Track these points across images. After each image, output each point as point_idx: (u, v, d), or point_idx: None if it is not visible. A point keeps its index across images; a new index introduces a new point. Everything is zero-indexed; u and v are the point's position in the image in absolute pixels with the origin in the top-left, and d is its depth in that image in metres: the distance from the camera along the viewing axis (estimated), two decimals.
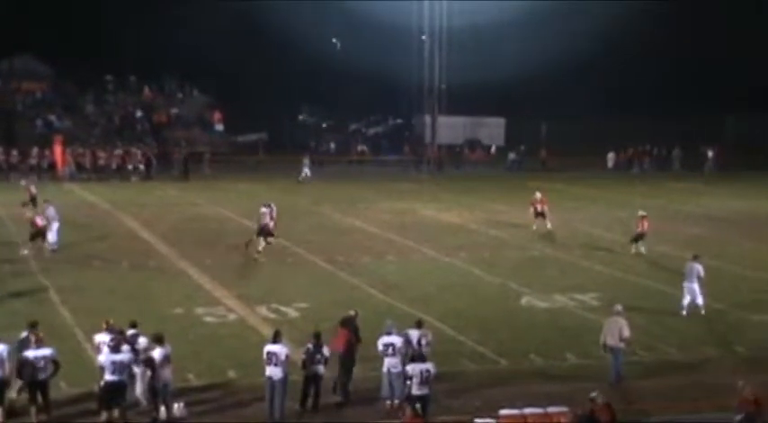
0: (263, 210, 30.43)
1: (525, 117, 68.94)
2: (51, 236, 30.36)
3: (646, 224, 32.29)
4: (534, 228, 34.94)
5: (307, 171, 53.16)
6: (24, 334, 16.79)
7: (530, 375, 19.25)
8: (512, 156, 65.93)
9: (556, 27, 67.06)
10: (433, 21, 61.98)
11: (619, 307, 19.51)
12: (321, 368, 16.84)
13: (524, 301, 25.41)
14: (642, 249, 32.10)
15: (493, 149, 70.10)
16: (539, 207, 35.63)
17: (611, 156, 64.75)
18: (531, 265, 30.36)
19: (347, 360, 17.58)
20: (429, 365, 16.42)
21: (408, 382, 16.20)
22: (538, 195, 35.71)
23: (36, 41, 63.77)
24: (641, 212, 32.79)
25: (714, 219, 40.31)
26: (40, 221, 29.62)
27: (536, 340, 21.58)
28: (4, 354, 15.92)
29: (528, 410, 15.88)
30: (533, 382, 18.76)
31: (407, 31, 64.00)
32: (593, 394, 14.69)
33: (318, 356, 16.80)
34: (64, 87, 63.75)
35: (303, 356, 16.75)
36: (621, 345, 18.86)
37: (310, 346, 16.90)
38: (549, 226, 35.30)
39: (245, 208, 38.28)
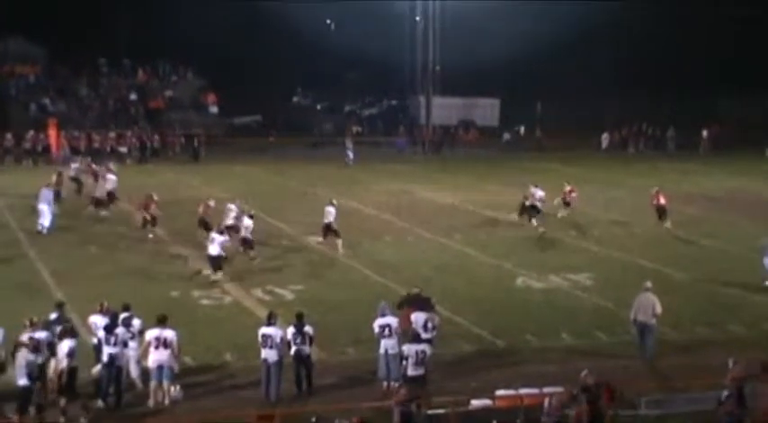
0: (330, 208, 29.44)
1: (520, 97, 68.84)
2: (45, 220, 30.56)
3: (662, 198, 32.48)
4: (559, 216, 34.53)
5: (350, 154, 52.91)
6: (54, 315, 16.79)
7: (526, 356, 19.35)
8: (506, 136, 65.86)
9: (550, 6, 66.84)
10: (426, 1, 61.83)
11: (648, 283, 19.55)
12: (306, 349, 16.88)
13: (520, 281, 25.47)
14: (668, 225, 32.18)
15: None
16: (567, 197, 35.22)
17: (605, 136, 64.68)
18: (526, 245, 30.39)
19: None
20: (424, 346, 16.49)
21: (404, 363, 16.28)
22: (567, 187, 35.47)
23: (29, 23, 63.48)
24: (655, 188, 32.99)
25: (710, 198, 40.37)
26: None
27: (532, 321, 21.65)
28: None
29: (524, 391, 15.99)
30: (529, 362, 18.85)
31: (402, 13, 63.85)
32: (584, 373, 14.78)
33: (301, 337, 16.83)
34: (58, 71, 63.50)
35: (288, 338, 16.80)
36: (653, 321, 18.93)
37: (293, 327, 16.93)
38: (565, 213, 34.54)
39: (241, 190, 38.24)
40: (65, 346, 15.75)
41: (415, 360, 16.20)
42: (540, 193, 33.15)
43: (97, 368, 16.38)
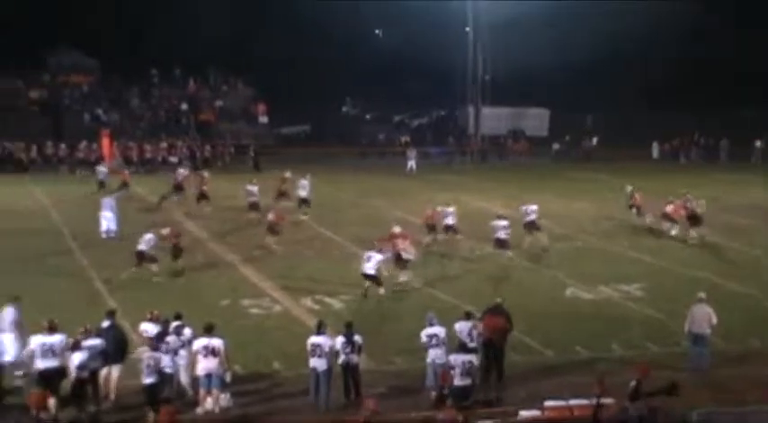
0: (449, 209, 31.02)
1: (570, 107, 68.49)
2: (112, 224, 31.91)
3: (695, 204, 32.44)
4: (648, 220, 34.40)
5: (412, 164, 53.46)
6: (106, 323, 17.00)
7: (575, 367, 19.19)
8: (556, 146, 65.58)
9: (601, 19, 66.44)
10: (477, 11, 61.78)
11: (703, 294, 19.36)
12: (355, 358, 16.92)
13: (569, 292, 25.31)
14: (696, 233, 32.06)
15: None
16: (635, 201, 34.87)
17: (655, 146, 64.13)
18: (575, 256, 30.20)
19: (500, 347, 17.83)
20: (471, 357, 16.49)
21: (451, 372, 16.25)
22: (629, 188, 35.36)
23: (83, 36, 64.40)
24: (686, 194, 33.21)
25: (762, 209, 39.79)
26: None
27: (582, 331, 21.49)
28: (61, 343, 16.11)
29: (574, 402, 15.83)
30: (579, 373, 18.68)
31: (451, 22, 63.84)
32: (633, 384, 14.64)
33: (350, 346, 16.86)
34: (110, 81, 64.30)
35: (337, 347, 16.84)
36: (708, 332, 18.78)
37: (342, 336, 16.97)
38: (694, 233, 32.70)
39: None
40: (76, 358, 15.71)
41: (462, 370, 16.17)
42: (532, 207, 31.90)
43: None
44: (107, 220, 32.21)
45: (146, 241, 26.21)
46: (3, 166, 50.96)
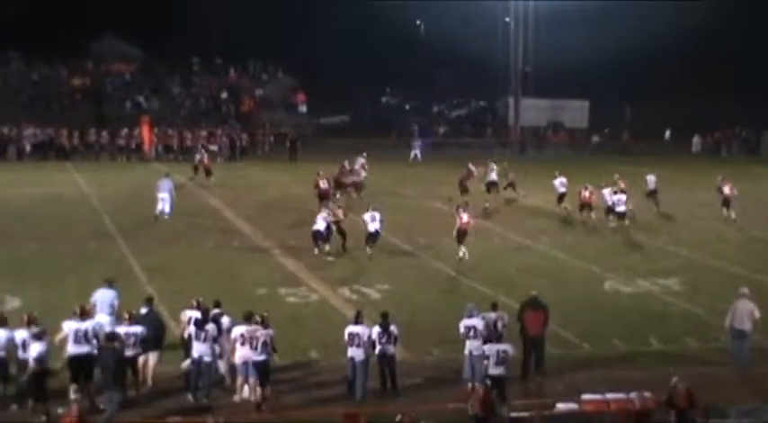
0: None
1: (610, 99, 68.04)
2: (166, 206, 32.47)
3: (727, 188, 33.13)
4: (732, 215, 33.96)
5: (417, 153, 53.65)
6: (144, 310, 17.17)
7: (613, 360, 19.12)
8: (595, 138, 65.17)
9: (641, 7, 65.94)
10: (517, 3, 61.50)
11: (745, 289, 19.14)
12: (391, 348, 16.94)
13: (607, 285, 25.20)
14: (732, 215, 32.30)
15: None
16: (726, 190, 34.08)
17: (696, 140, 63.55)
18: (614, 249, 30.05)
19: (541, 340, 17.86)
20: (506, 346, 16.56)
21: (486, 362, 16.34)
22: (719, 178, 35.20)
23: (125, 24, 64.88)
24: (719, 178, 33.44)
25: None
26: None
27: (619, 325, 21.40)
28: (95, 329, 16.24)
29: (610, 395, 15.77)
30: (616, 367, 18.62)
31: (492, 13, 63.60)
32: (674, 380, 14.54)
33: (386, 337, 16.89)
34: (152, 69, 64.66)
35: (373, 337, 16.87)
36: (750, 328, 18.60)
37: (378, 326, 17.00)
38: (732, 215, 33.61)
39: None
40: (34, 349, 15.56)
41: (496, 359, 16.23)
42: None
43: (187, 363, 16.65)
44: (162, 201, 32.82)
45: (378, 219, 27.48)
46: (46, 152, 51.46)
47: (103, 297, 18.03)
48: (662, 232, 32.67)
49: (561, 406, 15.54)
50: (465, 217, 27.68)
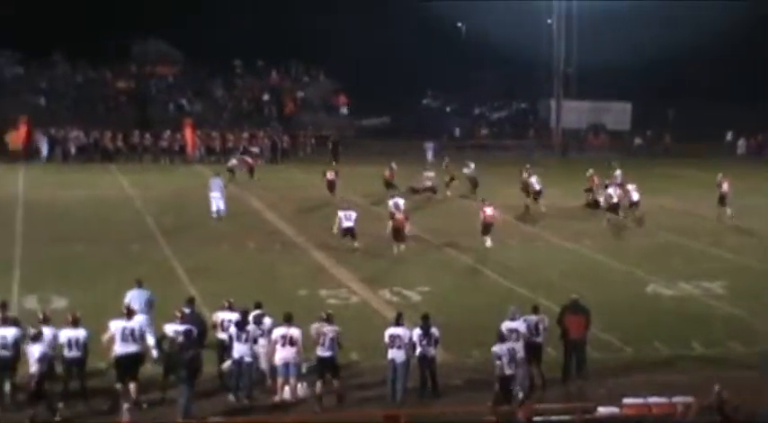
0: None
1: (652, 101, 67.49)
2: (221, 204, 33.56)
3: (726, 185, 34.32)
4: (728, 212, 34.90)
5: (430, 155, 53.23)
6: (186, 310, 17.26)
7: (655, 364, 18.99)
8: (637, 141, 64.65)
9: (684, 8, 65.29)
10: (560, 3, 61.23)
11: None
12: (431, 350, 16.94)
13: (650, 288, 25.03)
14: (728, 211, 33.77)
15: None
16: (724, 187, 35.07)
17: (741, 142, 62.87)
18: (656, 252, 29.84)
19: (583, 344, 17.86)
20: (517, 345, 16.64)
21: (497, 363, 16.30)
22: (719, 175, 35.53)
23: (168, 26, 65.38)
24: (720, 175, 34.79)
25: None
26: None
27: (661, 329, 21.24)
28: (140, 329, 16.41)
29: (652, 399, 15.65)
30: (658, 370, 18.49)
31: (534, 15, 63.35)
32: (717, 388, 14.38)
33: (427, 339, 16.88)
34: (194, 71, 65.15)
35: (414, 339, 16.87)
36: None
37: (419, 328, 17.00)
38: (728, 211, 34.91)
39: (369, 191, 38.66)
40: (35, 350, 15.56)
41: (508, 359, 16.27)
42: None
43: (228, 363, 16.77)
44: (215, 200, 33.63)
45: (352, 219, 28.46)
46: (90, 154, 51.99)
47: (138, 297, 18.27)
48: (705, 235, 32.37)
49: (602, 410, 15.45)
50: (488, 210, 29.58)
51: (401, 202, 31.22)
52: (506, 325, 17.20)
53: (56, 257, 26.76)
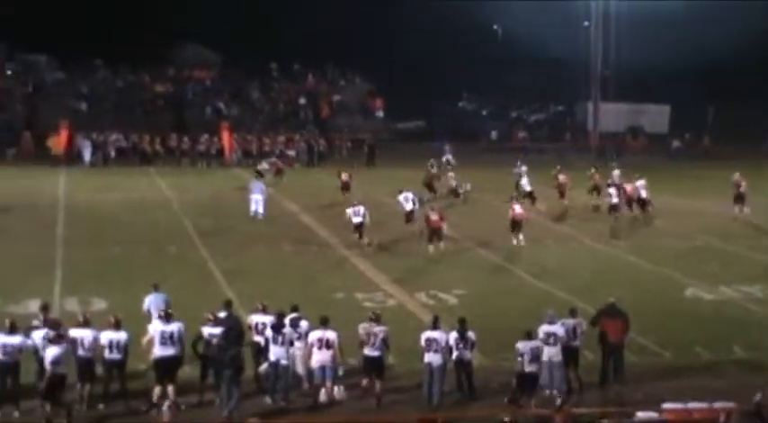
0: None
1: (691, 103, 66.94)
2: (260, 207, 34.11)
3: (743, 185, 34.92)
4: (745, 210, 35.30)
5: (449, 157, 52.55)
6: (223, 313, 17.33)
7: (695, 369, 18.81)
8: (676, 143, 64.18)
9: (722, 9, 64.73)
10: (597, 4, 60.94)
11: None
12: (468, 354, 16.92)
13: (689, 292, 24.82)
14: (746, 210, 34.35)
15: None
16: (742, 188, 35.44)
17: None
18: (694, 255, 29.60)
19: (621, 348, 17.77)
20: (538, 342, 16.67)
21: (519, 359, 16.40)
22: (736, 174, 35.53)
23: (205, 31, 65.82)
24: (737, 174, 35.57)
25: None
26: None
27: (701, 333, 21.05)
28: (179, 332, 16.52)
29: (693, 405, 15.51)
30: (698, 375, 18.31)
31: (570, 16, 63.09)
32: (758, 397, 14.19)
33: (463, 342, 16.86)
34: (231, 75, 65.51)
35: (450, 343, 16.85)
36: None
37: (455, 332, 16.97)
38: (746, 210, 35.35)
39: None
40: (50, 352, 15.52)
41: (530, 357, 16.38)
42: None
43: (264, 366, 16.84)
44: (256, 203, 34.09)
45: (361, 214, 29.33)
46: (129, 158, 52.39)
47: (158, 302, 18.38)
48: (744, 238, 32.06)
49: (641, 415, 15.33)
50: (518, 208, 30.26)
51: (410, 195, 32.65)
52: (544, 328, 17.13)
53: (96, 260, 26.99)
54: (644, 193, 35.78)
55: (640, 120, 70.29)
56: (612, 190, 35.44)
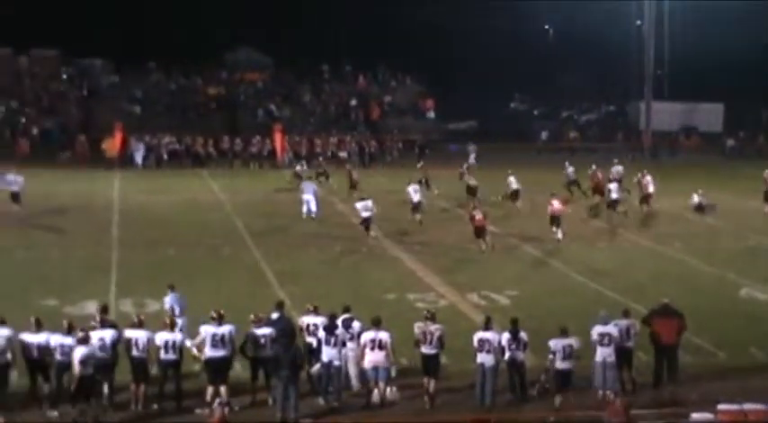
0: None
1: (747, 102, 66.11)
2: (313, 206, 34.69)
3: None
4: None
5: (473, 158, 52.17)
6: (275, 314, 17.51)
7: (750, 370, 18.61)
8: (730, 142, 63.42)
9: None
10: (650, 4, 60.41)
11: None
12: (520, 355, 16.90)
13: (743, 292, 24.56)
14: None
15: None
16: None
17: None
18: (749, 255, 29.28)
19: (674, 349, 17.69)
20: (572, 340, 16.65)
21: (551, 357, 16.45)
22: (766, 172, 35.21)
23: (257, 34, 66.32)
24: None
25: None
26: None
27: (757, 333, 20.82)
28: (231, 334, 16.66)
29: (748, 406, 15.33)
30: (754, 376, 18.10)
31: (622, 15, 62.61)
32: None
33: (515, 343, 16.84)
34: (283, 77, 65.84)
35: (503, 343, 16.83)
36: None
37: (508, 332, 16.95)
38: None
39: (456, 195, 38.61)
40: (78, 352, 15.61)
41: (563, 354, 16.43)
42: None
43: (317, 367, 16.94)
44: (308, 203, 34.62)
45: (369, 208, 30.27)
46: (182, 160, 52.91)
47: (171, 301, 18.63)
48: None
49: (696, 416, 15.19)
50: (556, 203, 30.88)
51: (418, 187, 34.41)
52: (598, 329, 17.05)
53: (149, 261, 27.31)
54: (650, 188, 36.60)
55: (694, 119, 69.54)
56: (613, 185, 35.59)
